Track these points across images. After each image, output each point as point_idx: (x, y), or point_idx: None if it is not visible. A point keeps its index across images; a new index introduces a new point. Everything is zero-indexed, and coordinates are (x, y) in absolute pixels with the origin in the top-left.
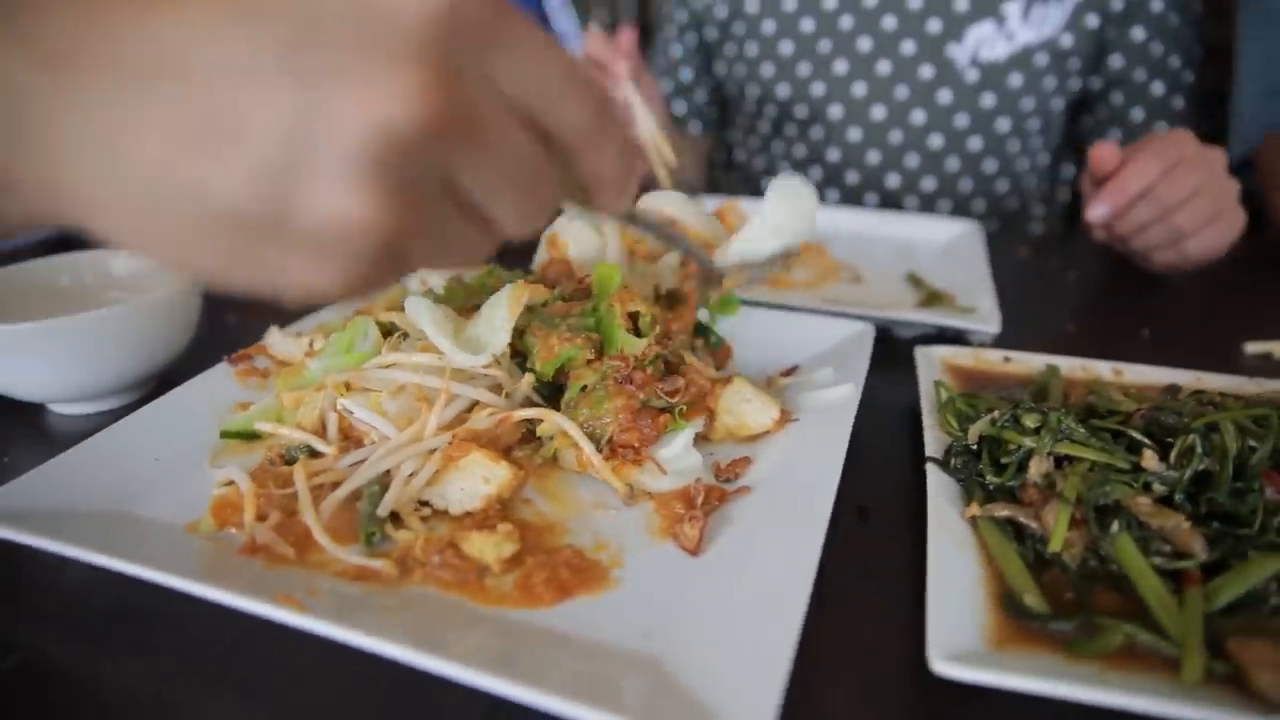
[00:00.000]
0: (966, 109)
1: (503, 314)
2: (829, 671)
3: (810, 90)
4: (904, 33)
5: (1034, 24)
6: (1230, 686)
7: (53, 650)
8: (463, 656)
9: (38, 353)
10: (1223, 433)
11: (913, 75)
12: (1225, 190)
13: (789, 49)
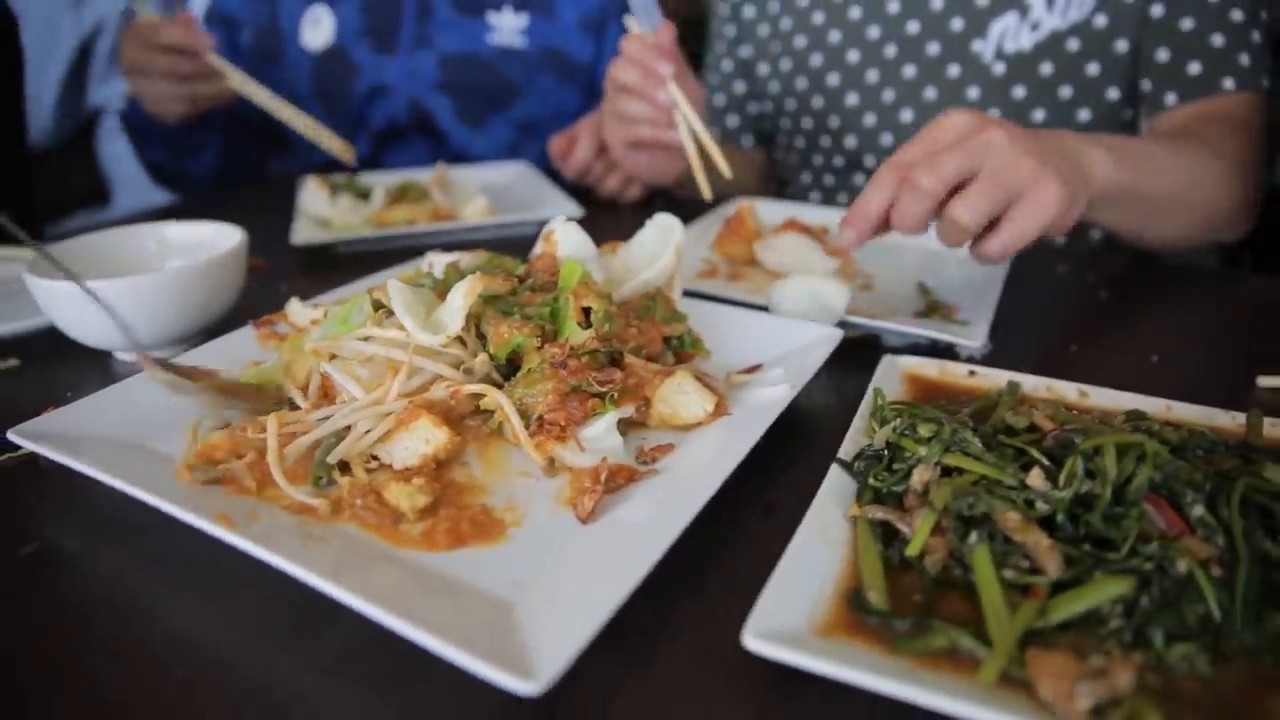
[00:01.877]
0: (996, 103)
1: (458, 301)
2: (672, 640)
3: (844, 100)
4: (928, 35)
5: (1059, 10)
6: (1024, 693)
7: (64, 543)
8: (336, 577)
9: (103, 307)
10: (1104, 456)
11: (940, 75)
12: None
13: (819, 61)
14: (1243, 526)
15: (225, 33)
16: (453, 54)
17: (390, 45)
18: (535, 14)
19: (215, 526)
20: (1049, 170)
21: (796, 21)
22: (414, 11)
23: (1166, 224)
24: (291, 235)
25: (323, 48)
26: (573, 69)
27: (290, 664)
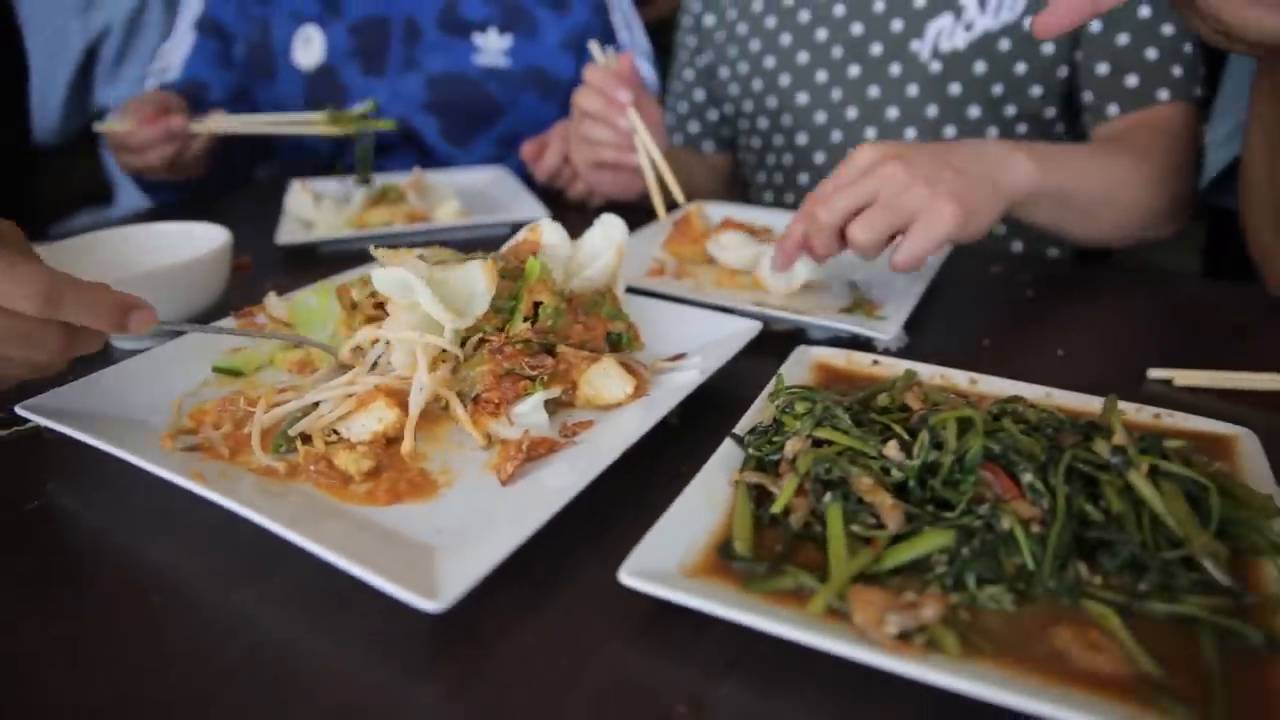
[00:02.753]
0: (935, 99)
1: (483, 285)
2: (568, 579)
3: (795, 99)
4: (871, 36)
5: (992, 11)
6: (847, 623)
7: (64, 502)
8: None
9: None
10: (947, 430)
11: (883, 74)
12: (900, 196)
13: (772, 63)
14: (1065, 492)
15: (218, 44)
16: (439, 75)
17: (379, 67)
18: (519, 35)
19: (190, 483)
20: (940, 192)
21: (751, 27)
22: (401, 35)
23: (1093, 223)
24: (276, 235)
25: (313, 67)
26: (554, 86)
27: (246, 595)
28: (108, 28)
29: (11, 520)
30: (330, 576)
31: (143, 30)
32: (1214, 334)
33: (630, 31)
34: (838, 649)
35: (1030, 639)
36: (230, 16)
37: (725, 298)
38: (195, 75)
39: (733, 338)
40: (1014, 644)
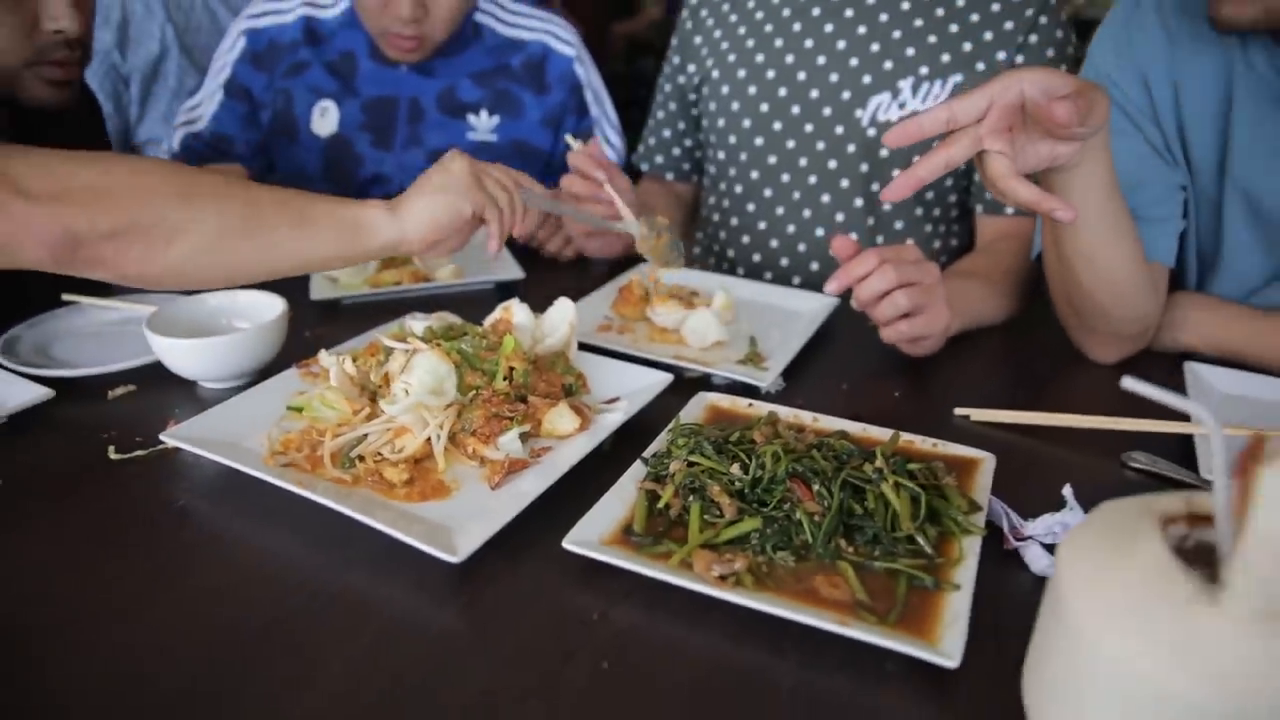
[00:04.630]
0: (867, 160)
1: (450, 384)
2: (533, 546)
3: (754, 141)
4: (823, 101)
5: (921, 97)
6: (690, 570)
7: (196, 501)
8: (360, 510)
9: (196, 355)
10: (766, 456)
11: (829, 132)
12: (928, 294)
13: (737, 106)
14: (840, 496)
15: (246, 107)
16: (439, 150)
17: (387, 142)
18: (505, 115)
19: (291, 486)
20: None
21: (723, 73)
22: (406, 114)
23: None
24: (310, 292)
25: (329, 136)
26: (534, 155)
27: (332, 558)
28: (131, 73)
29: (162, 516)
30: (385, 545)
31: (163, 76)
32: (1019, 378)
33: (600, 105)
34: (683, 584)
35: (800, 582)
36: (258, 86)
37: (654, 351)
38: (222, 130)
39: (652, 386)
40: (790, 585)
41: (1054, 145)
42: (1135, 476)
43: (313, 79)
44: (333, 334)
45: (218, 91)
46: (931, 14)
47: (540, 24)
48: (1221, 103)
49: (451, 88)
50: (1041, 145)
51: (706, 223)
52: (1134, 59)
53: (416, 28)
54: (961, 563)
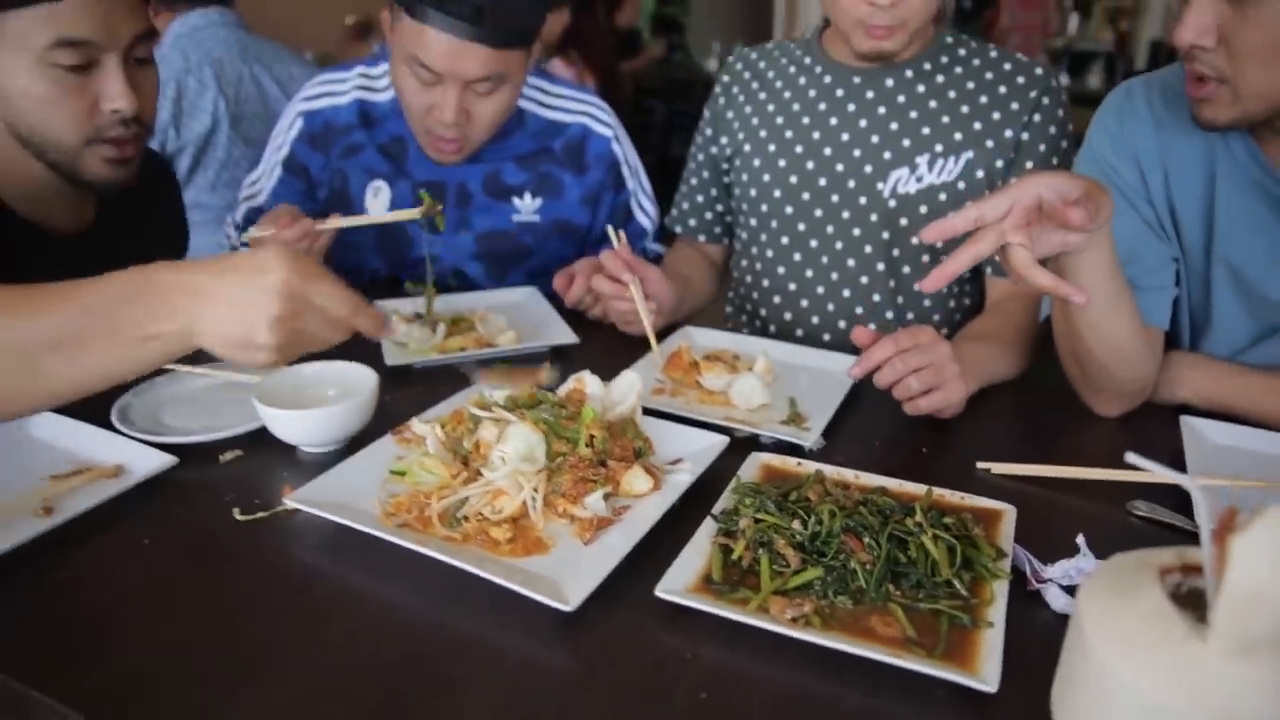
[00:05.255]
0: (888, 228)
1: (540, 452)
2: (628, 591)
3: (785, 209)
4: (848, 174)
5: (937, 172)
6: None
7: (317, 559)
8: (476, 565)
9: (304, 425)
10: (823, 513)
11: (853, 202)
12: (938, 373)
13: (768, 177)
14: (886, 547)
15: (303, 184)
16: (486, 232)
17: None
18: (547, 197)
19: (410, 543)
20: (959, 373)
21: (754, 147)
22: (455, 199)
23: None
24: (385, 358)
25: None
26: (574, 232)
27: (449, 610)
28: (184, 146)
29: (293, 573)
30: (497, 596)
31: (213, 147)
32: (1031, 431)
33: (636, 177)
34: (762, 625)
35: (858, 622)
36: (315, 166)
37: (706, 414)
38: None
39: (711, 448)
40: (850, 624)
41: (1065, 235)
42: (1138, 523)
43: (366, 160)
44: (409, 398)
45: (276, 168)
46: (944, 96)
47: (579, 105)
48: (1206, 185)
49: (497, 171)
50: (1055, 235)
51: (739, 283)
52: (1127, 144)
53: (458, 131)
54: (993, 603)
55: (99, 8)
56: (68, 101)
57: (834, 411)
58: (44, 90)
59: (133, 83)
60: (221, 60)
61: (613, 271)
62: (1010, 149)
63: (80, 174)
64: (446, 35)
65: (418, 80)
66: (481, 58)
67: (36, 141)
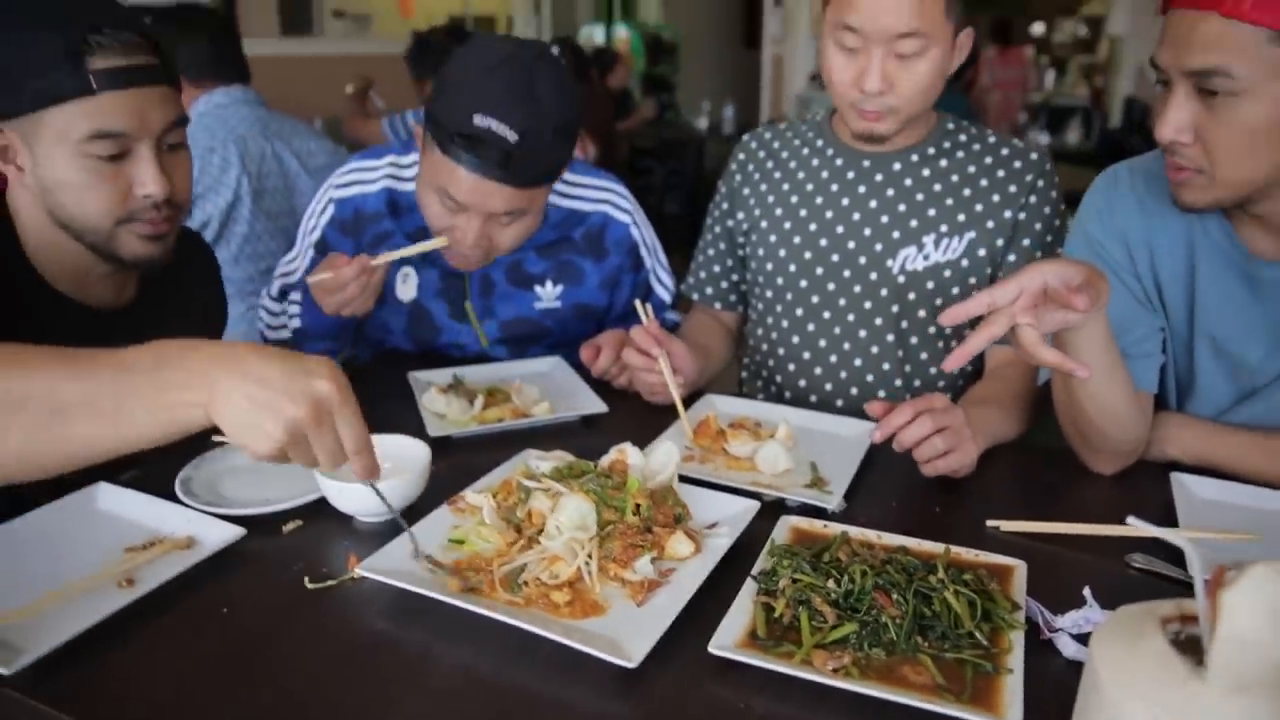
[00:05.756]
0: (897, 302)
1: (592, 520)
2: (682, 647)
3: (799, 283)
4: (859, 252)
5: (942, 251)
6: (811, 667)
7: (389, 624)
8: (537, 624)
9: (363, 497)
10: (855, 572)
11: (865, 278)
12: (957, 434)
13: (784, 252)
14: (913, 603)
15: None
16: (509, 320)
17: (460, 313)
18: (568, 284)
19: (475, 606)
20: (971, 438)
21: (770, 224)
22: (479, 289)
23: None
24: (427, 429)
25: (410, 301)
26: (592, 315)
27: (518, 668)
28: (208, 219)
29: (361, 635)
30: (561, 654)
31: (235, 221)
32: (1034, 489)
33: (653, 256)
34: (807, 676)
35: (891, 671)
36: (347, 251)
37: (735, 479)
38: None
39: (744, 513)
40: (885, 673)
41: (1067, 314)
42: (1137, 575)
43: (395, 248)
44: (453, 467)
45: (309, 249)
46: (947, 180)
47: (599, 194)
48: (1188, 263)
49: (519, 261)
50: (1057, 314)
51: (755, 351)
52: (1115, 225)
53: (479, 251)
54: (1011, 651)
55: (133, 101)
56: (102, 188)
57: (853, 474)
58: (80, 178)
59: (165, 167)
60: (245, 137)
61: (642, 346)
62: (1009, 228)
63: (117, 253)
64: (474, 175)
65: (443, 206)
66: (506, 196)
67: (74, 226)
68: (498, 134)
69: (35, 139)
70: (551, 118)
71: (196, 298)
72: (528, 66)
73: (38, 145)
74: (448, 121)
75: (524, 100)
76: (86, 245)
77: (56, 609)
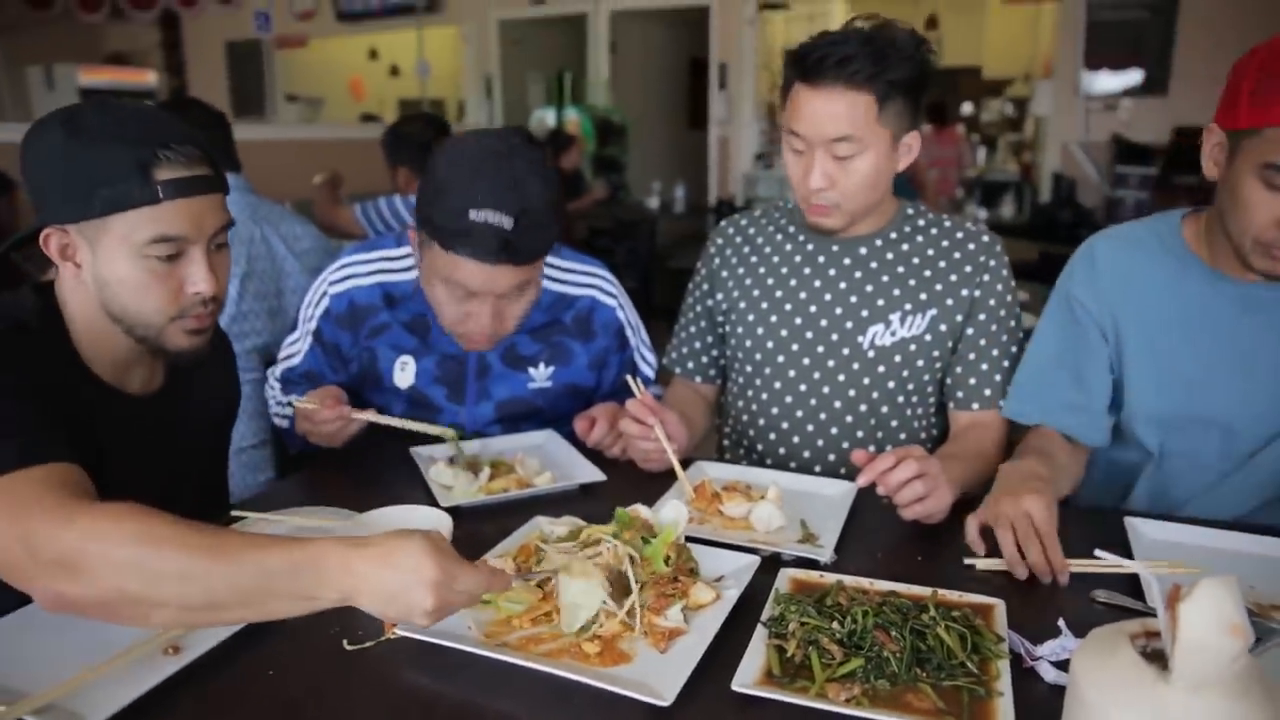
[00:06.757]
0: (868, 375)
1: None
2: (708, 686)
3: (777, 358)
4: (831, 329)
5: (908, 327)
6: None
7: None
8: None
9: None
10: (857, 613)
11: (837, 353)
12: (934, 480)
13: (761, 331)
14: (910, 639)
15: (335, 358)
16: (505, 400)
17: (459, 396)
18: (559, 365)
19: (515, 658)
20: (947, 484)
21: (748, 304)
22: (475, 372)
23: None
24: (438, 500)
25: (407, 388)
26: (581, 394)
27: (553, 714)
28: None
29: (404, 692)
30: (596, 699)
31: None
32: None
33: (637, 335)
34: (823, 707)
35: (896, 700)
36: (345, 343)
37: (734, 537)
38: (315, 369)
39: (747, 567)
40: (890, 702)
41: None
42: (1102, 607)
43: (393, 338)
44: (465, 535)
45: (308, 337)
46: (909, 262)
47: (587, 279)
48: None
49: (513, 345)
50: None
51: (736, 420)
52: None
53: (492, 330)
54: (1000, 678)
55: (193, 208)
56: (158, 287)
57: (840, 529)
58: (139, 278)
59: (212, 267)
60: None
61: (638, 416)
62: (967, 304)
63: (164, 346)
64: (480, 264)
65: (453, 296)
66: (510, 275)
67: (128, 320)
68: (494, 225)
69: (98, 240)
70: (539, 197)
71: (216, 382)
72: (509, 156)
73: (100, 246)
74: (445, 222)
75: (512, 188)
76: (136, 338)
77: (107, 678)
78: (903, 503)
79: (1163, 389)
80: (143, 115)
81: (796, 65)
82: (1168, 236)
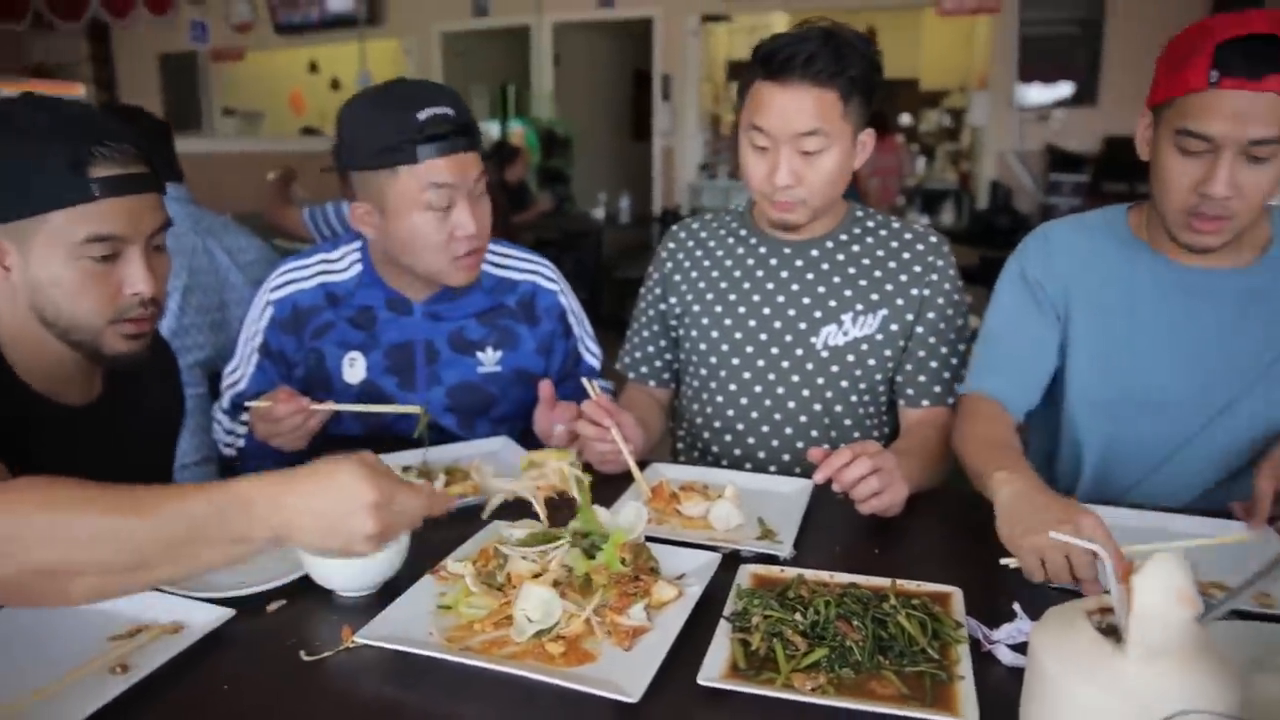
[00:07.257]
0: (821, 375)
1: (556, 605)
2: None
3: (731, 360)
4: (784, 330)
5: (860, 327)
6: (790, 688)
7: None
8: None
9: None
10: (819, 604)
11: (791, 353)
12: (889, 475)
13: (717, 334)
14: (871, 628)
15: (282, 368)
16: (455, 385)
17: (410, 383)
18: (506, 349)
19: (478, 661)
20: (903, 479)
21: (702, 308)
22: (424, 358)
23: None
24: None
25: (359, 383)
26: (530, 379)
27: (519, 717)
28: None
29: (366, 701)
30: (562, 699)
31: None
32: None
33: (580, 324)
34: (790, 697)
35: (860, 687)
36: (290, 348)
37: (693, 536)
38: (261, 388)
39: (708, 565)
40: (856, 689)
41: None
42: (1054, 591)
43: (339, 335)
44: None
45: (253, 355)
46: (860, 263)
47: (528, 265)
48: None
49: (460, 329)
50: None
51: (691, 423)
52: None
53: (480, 240)
54: (960, 662)
55: (129, 206)
56: (94, 289)
57: (799, 525)
58: (74, 278)
59: (150, 267)
60: (178, 234)
61: (594, 418)
62: (917, 304)
63: (101, 350)
64: (448, 156)
65: (434, 212)
66: (473, 164)
67: (62, 324)
68: (442, 114)
69: (29, 241)
70: (457, 95)
71: (157, 394)
72: (408, 80)
73: (32, 247)
74: (398, 137)
75: (434, 89)
76: (71, 343)
77: (54, 700)
78: (859, 498)
79: (1107, 373)
80: (77, 112)
81: (763, 64)
82: (1116, 224)
